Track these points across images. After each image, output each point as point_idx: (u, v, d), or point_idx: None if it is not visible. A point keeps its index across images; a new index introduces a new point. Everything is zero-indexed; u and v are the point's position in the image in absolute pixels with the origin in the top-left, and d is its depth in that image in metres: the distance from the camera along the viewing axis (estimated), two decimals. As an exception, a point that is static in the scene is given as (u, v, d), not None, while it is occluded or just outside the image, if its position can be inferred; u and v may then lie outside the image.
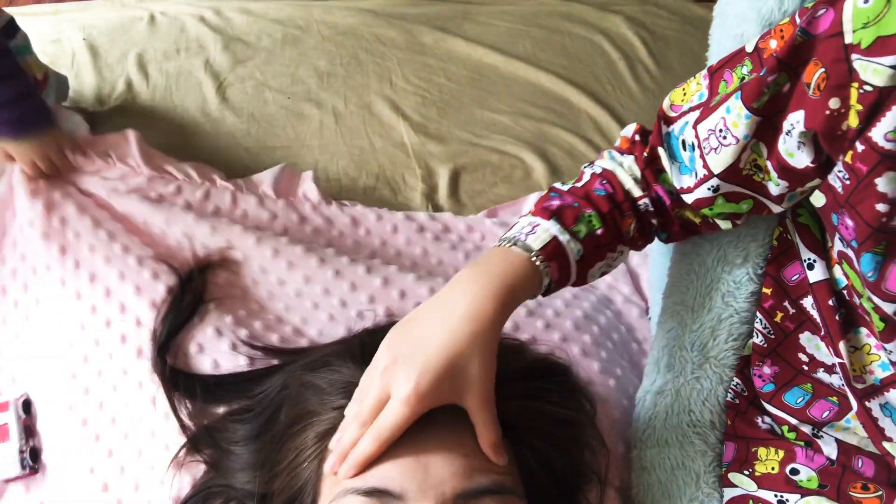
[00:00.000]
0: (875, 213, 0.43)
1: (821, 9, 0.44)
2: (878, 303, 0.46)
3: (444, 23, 1.31)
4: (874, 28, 0.40)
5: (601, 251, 0.58)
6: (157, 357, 0.75)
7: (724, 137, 0.51)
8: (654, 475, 0.64)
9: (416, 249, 0.93)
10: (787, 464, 0.56)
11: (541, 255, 0.55)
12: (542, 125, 1.17)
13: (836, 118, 0.44)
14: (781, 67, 0.47)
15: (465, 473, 0.49)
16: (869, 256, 0.45)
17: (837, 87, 0.43)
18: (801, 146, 0.48)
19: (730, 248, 0.62)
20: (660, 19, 1.33)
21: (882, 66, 0.40)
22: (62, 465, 0.77)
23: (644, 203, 0.59)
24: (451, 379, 0.49)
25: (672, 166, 0.57)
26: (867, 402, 0.51)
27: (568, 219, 0.57)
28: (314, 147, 1.15)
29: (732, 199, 0.55)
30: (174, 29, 1.31)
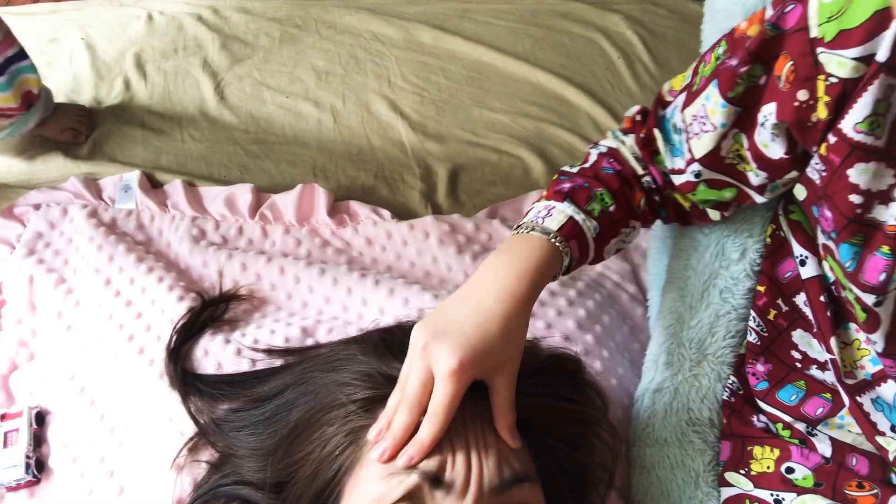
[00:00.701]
0: (849, 203, 0.44)
1: (790, 4, 0.45)
2: (859, 293, 0.47)
3: (442, 21, 1.31)
4: (837, 22, 0.41)
5: (616, 227, 0.60)
6: (169, 357, 0.77)
7: (703, 124, 0.53)
8: (653, 474, 0.64)
9: (427, 258, 0.96)
10: (782, 462, 0.56)
11: (559, 236, 0.56)
12: (541, 124, 1.17)
13: (806, 110, 0.45)
14: (754, 59, 0.48)
15: (497, 466, 0.50)
16: (847, 247, 0.46)
17: (805, 80, 0.44)
18: (775, 137, 0.49)
19: (727, 244, 0.62)
20: (658, 18, 1.32)
21: (844, 59, 0.41)
22: (72, 472, 0.78)
23: (647, 180, 0.61)
24: (488, 355, 0.50)
25: (666, 148, 0.59)
26: (859, 396, 0.51)
27: (581, 199, 0.58)
28: (312, 146, 1.15)
29: (715, 186, 0.57)
30: (172, 28, 1.30)
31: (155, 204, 1.02)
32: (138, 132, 1.16)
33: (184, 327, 0.81)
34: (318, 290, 0.89)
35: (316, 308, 0.88)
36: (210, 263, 0.93)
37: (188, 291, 0.87)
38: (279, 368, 0.74)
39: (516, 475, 0.50)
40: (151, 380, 0.78)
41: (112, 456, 0.77)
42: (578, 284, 0.86)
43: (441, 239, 0.96)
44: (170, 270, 0.92)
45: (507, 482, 0.50)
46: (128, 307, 0.87)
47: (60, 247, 0.97)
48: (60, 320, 0.89)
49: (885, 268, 0.45)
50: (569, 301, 0.82)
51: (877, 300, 0.46)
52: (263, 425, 0.64)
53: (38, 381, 0.86)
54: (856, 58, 0.41)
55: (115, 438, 0.78)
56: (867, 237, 0.45)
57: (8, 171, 1.12)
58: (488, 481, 0.49)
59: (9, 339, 0.90)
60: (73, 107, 1.16)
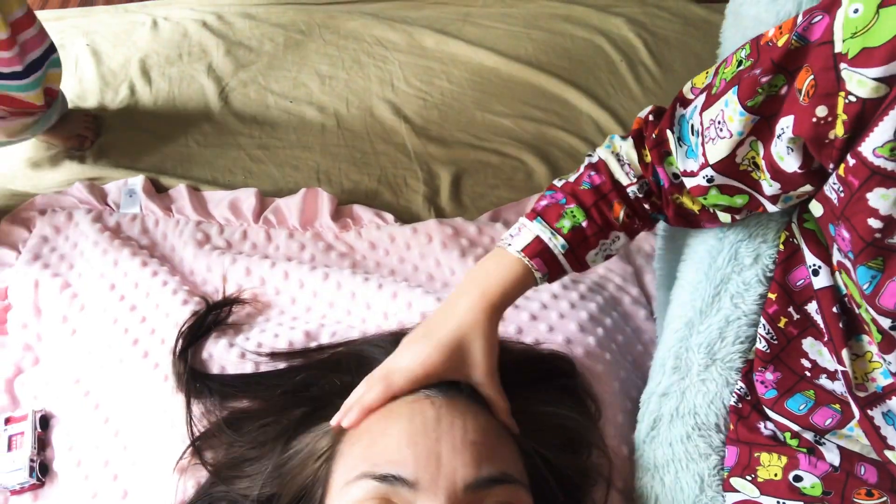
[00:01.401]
0: (868, 227, 0.43)
1: (817, 15, 0.44)
2: (875, 316, 0.46)
3: (445, 26, 1.31)
4: (861, 38, 0.40)
5: (590, 240, 0.64)
6: (179, 358, 0.77)
7: (720, 130, 0.52)
8: (657, 477, 0.63)
9: (430, 261, 0.96)
10: (790, 470, 0.56)
11: (524, 254, 0.63)
12: (544, 127, 1.17)
13: (823, 126, 0.44)
14: (777, 70, 0.47)
15: (474, 463, 0.50)
16: (864, 269, 0.45)
17: (825, 96, 0.43)
18: (790, 151, 0.48)
19: (741, 249, 0.61)
20: (661, 21, 1.32)
21: (865, 78, 0.40)
22: (76, 475, 0.79)
23: (633, 190, 0.63)
24: (459, 356, 0.58)
25: (679, 149, 0.59)
26: (869, 410, 0.51)
27: (552, 217, 0.64)
28: (316, 150, 1.15)
29: (726, 192, 0.57)
30: (177, 34, 1.31)
31: (159, 208, 1.02)
32: (143, 137, 1.17)
33: (189, 330, 0.81)
34: (321, 293, 0.89)
35: (319, 312, 0.89)
36: (214, 267, 0.93)
37: (192, 295, 0.87)
38: (283, 371, 0.74)
39: (497, 475, 0.51)
40: (155, 383, 0.79)
41: (116, 459, 0.77)
42: (581, 287, 0.86)
43: (444, 242, 0.96)
44: (174, 274, 0.92)
45: (484, 480, 0.50)
46: (132, 311, 0.88)
47: (66, 251, 0.98)
48: (65, 324, 0.90)
49: None
50: (571, 304, 0.82)
51: (893, 324, 0.46)
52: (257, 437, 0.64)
53: (42, 385, 0.86)
54: (877, 78, 0.39)
55: (120, 442, 0.78)
56: (887, 262, 0.44)
57: (14, 177, 1.12)
58: (462, 478, 0.49)
59: (14, 343, 0.91)
60: (79, 112, 1.17)
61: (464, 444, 0.51)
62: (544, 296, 0.83)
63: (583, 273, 0.91)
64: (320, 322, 0.86)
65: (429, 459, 0.50)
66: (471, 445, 0.51)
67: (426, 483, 0.49)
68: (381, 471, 0.50)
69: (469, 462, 0.50)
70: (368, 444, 0.53)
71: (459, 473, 0.49)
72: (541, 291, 0.84)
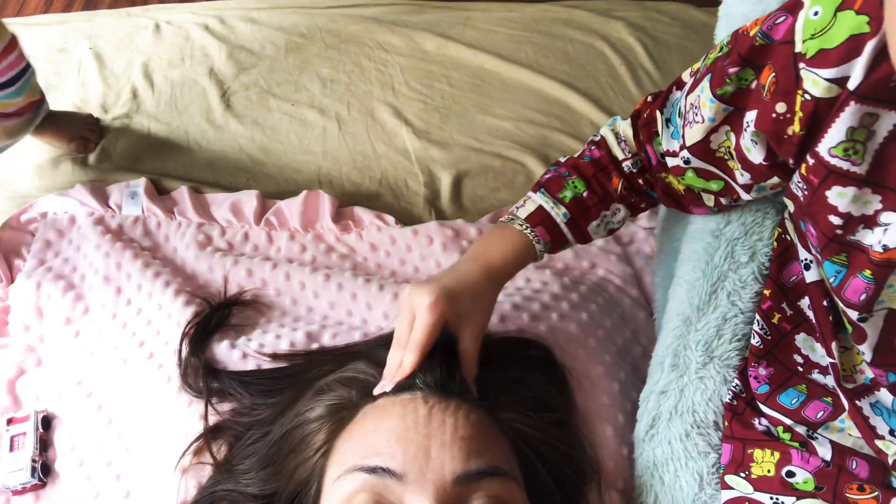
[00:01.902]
0: (829, 224, 0.45)
1: (781, 16, 0.45)
2: (844, 308, 0.48)
3: (446, 29, 1.32)
4: (819, 40, 0.42)
5: (591, 210, 0.66)
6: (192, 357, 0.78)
7: (696, 114, 0.55)
8: (656, 476, 0.64)
9: (431, 263, 0.97)
10: (782, 466, 0.56)
11: (527, 223, 0.66)
12: (545, 130, 1.18)
13: (782, 122, 0.46)
14: (744, 63, 0.48)
15: (462, 457, 0.51)
16: (829, 264, 0.47)
17: (785, 93, 0.45)
18: (755, 143, 0.50)
19: (737, 246, 0.62)
20: (661, 24, 1.33)
21: (819, 78, 0.42)
22: (79, 475, 0.79)
23: (627, 165, 0.66)
24: (458, 299, 0.60)
25: (666, 130, 0.61)
26: (858, 400, 0.52)
27: (554, 188, 0.67)
28: (317, 153, 1.16)
29: (702, 175, 0.59)
30: (179, 37, 1.32)
31: (161, 210, 1.03)
32: (145, 140, 1.17)
33: (196, 331, 0.81)
34: (323, 295, 0.89)
35: (321, 313, 0.89)
36: (216, 269, 0.94)
37: (194, 297, 0.88)
38: (285, 370, 0.74)
39: (486, 468, 0.51)
40: (159, 384, 0.79)
41: (119, 460, 0.78)
42: (581, 288, 0.86)
43: (445, 244, 0.97)
44: (176, 276, 0.92)
45: (472, 473, 0.50)
46: (138, 314, 0.88)
47: (69, 254, 0.98)
48: (69, 326, 0.90)
49: (864, 290, 0.46)
50: (571, 305, 0.82)
51: (860, 316, 0.47)
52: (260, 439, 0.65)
53: (45, 387, 0.87)
54: (829, 79, 0.41)
55: (122, 443, 0.79)
56: (851, 258, 0.46)
57: (16, 179, 1.13)
58: (451, 471, 0.50)
59: (16, 345, 0.91)
60: (81, 115, 1.18)
61: (453, 439, 0.52)
62: (544, 296, 0.83)
63: (581, 274, 0.92)
64: (321, 323, 0.86)
65: (417, 453, 0.51)
66: (460, 440, 0.52)
67: (414, 475, 0.50)
68: (370, 463, 0.51)
69: (457, 456, 0.51)
70: (361, 440, 0.54)
71: (448, 467, 0.50)
72: (541, 292, 0.84)
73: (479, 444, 0.53)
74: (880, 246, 0.44)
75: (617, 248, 0.95)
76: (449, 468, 0.50)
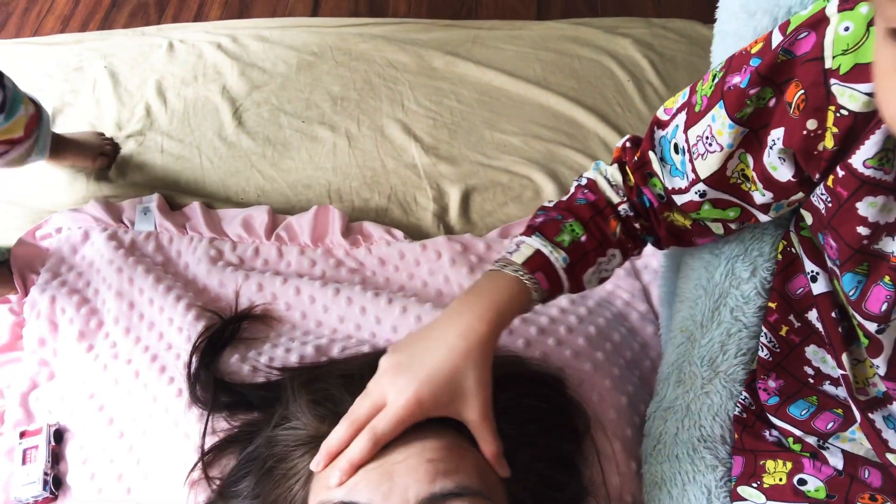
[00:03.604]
0: (856, 235, 0.45)
1: (803, 32, 0.45)
2: (861, 320, 0.48)
3: (454, 47, 1.34)
4: (853, 55, 0.41)
5: (589, 256, 0.61)
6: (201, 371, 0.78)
7: (710, 144, 0.53)
8: (664, 490, 0.63)
9: (440, 277, 0.97)
10: (794, 475, 0.56)
11: (525, 270, 0.59)
12: (552, 146, 1.18)
13: (813, 139, 0.45)
14: (764, 82, 0.48)
15: (428, 479, 0.50)
16: (850, 276, 0.47)
17: (815, 110, 0.44)
18: (783, 161, 0.49)
19: (738, 263, 0.62)
20: (667, 41, 1.34)
21: (858, 93, 0.41)
22: (90, 489, 0.80)
23: (623, 209, 0.62)
24: (450, 390, 0.53)
25: (663, 169, 0.59)
26: (870, 413, 0.51)
27: (550, 231, 0.61)
28: (328, 169, 1.17)
29: (719, 205, 0.57)
30: (192, 56, 1.34)
31: (173, 226, 1.04)
32: (158, 156, 1.19)
33: (207, 345, 0.82)
34: (332, 309, 0.90)
35: (330, 327, 0.90)
36: (227, 283, 0.95)
37: (205, 311, 0.89)
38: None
39: (453, 489, 0.50)
40: (170, 397, 0.80)
41: (129, 472, 0.78)
42: (588, 303, 0.87)
43: (453, 258, 0.97)
44: (187, 290, 0.93)
45: (437, 496, 0.49)
46: (151, 329, 0.89)
47: (83, 269, 1.00)
48: (82, 341, 0.91)
49: (886, 298, 0.45)
50: (579, 318, 0.83)
51: (879, 328, 0.47)
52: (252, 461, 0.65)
53: (57, 400, 0.88)
54: (869, 93, 0.41)
55: (133, 456, 0.79)
56: (872, 267, 0.46)
57: (31, 195, 1.15)
58: (415, 495, 0.49)
59: (29, 359, 0.92)
60: (95, 134, 1.20)
61: (419, 462, 0.51)
62: (552, 310, 0.83)
63: (589, 290, 0.92)
64: (331, 337, 0.87)
65: (381, 481, 0.50)
66: (427, 463, 0.51)
67: (378, 503, 0.49)
68: (336, 498, 0.51)
69: (422, 479, 0.50)
70: (333, 470, 0.53)
71: (412, 490, 0.49)
72: (549, 306, 0.84)
73: (447, 464, 0.51)
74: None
75: (625, 263, 0.96)
76: (413, 492, 0.49)
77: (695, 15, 1.41)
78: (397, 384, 0.53)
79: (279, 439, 0.61)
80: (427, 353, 0.55)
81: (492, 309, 0.56)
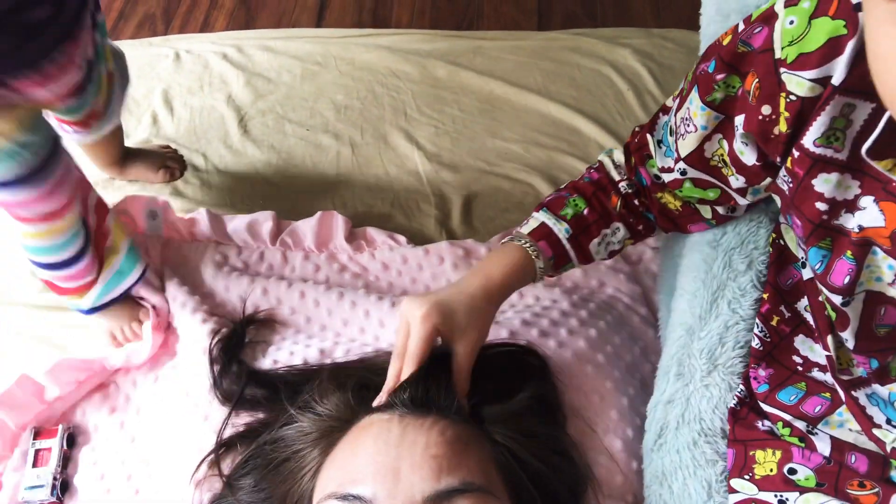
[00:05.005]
0: (815, 210, 0.49)
1: (758, 26, 0.50)
2: (828, 294, 0.51)
3: (456, 57, 1.36)
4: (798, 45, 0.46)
5: (591, 227, 0.69)
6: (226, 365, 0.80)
7: (688, 125, 0.58)
8: (665, 485, 0.64)
9: (442, 282, 0.98)
10: (784, 464, 0.57)
11: (530, 239, 0.68)
12: (553, 153, 1.20)
13: (768, 123, 0.50)
14: (728, 69, 0.52)
15: (433, 476, 0.51)
16: (815, 251, 0.50)
17: (769, 96, 0.49)
18: (745, 145, 0.53)
19: (734, 256, 0.64)
20: (666, 51, 1.36)
21: (802, 79, 0.46)
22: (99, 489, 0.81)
23: (623, 185, 0.69)
24: (451, 313, 0.62)
25: (658, 151, 0.65)
26: (854, 391, 0.53)
27: (556, 206, 0.70)
28: (332, 176, 1.19)
29: (699, 185, 0.63)
30: (198, 66, 1.36)
31: (181, 230, 1.06)
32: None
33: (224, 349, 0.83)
34: (336, 312, 0.91)
35: (334, 330, 0.91)
36: (232, 288, 0.96)
37: (211, 315, 0.90)
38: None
39: (458, 485, 0.51)
40: (177, 396, 0.81)
41: (138, 473, 0.79)
42: (590, 305, 0.88)
43: (455, 263, 0.99)
44: (193, 294, 0.95)
45: (443, 492, 0.50)
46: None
47: None
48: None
49: (848, 271, 0.49)
50: (580, 321, 0.84)
51: (843, 300, 0.50)
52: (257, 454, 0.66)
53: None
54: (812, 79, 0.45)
55: (141, 455, 0.80)
56: (834, 242, 0.49)
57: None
58: (420, 491, 0.50)
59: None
60: (159, 147, 1.20)
61: (424, 458, 0.52)
62: (553, 313, 0.84)
63: (590, 292, 0.93)
64: (335, 340, 0.88)
65: (387, 476, 0.51)
66: (431, 459, 0.52)
67: (383, 499, 0.50)
68: (343, 490, 0.52)
69: (428, 476, 0.51)
70: (340, 465, 0.55)
71: (417, 487, 0.50)
72: (551, 309, 0.85)
73: (451, 460, 0.53)
74: (857, 227, 0.47)
75: (626, 268, 0.97)
76: (418, 489, 0.50)
77: (694, 25, 1.41)
78: (413, 305, 0.62)
79: (289, 434, 0.63)
80: (441, 291, 0.64)
81: (499, 272, 0.65)
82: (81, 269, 0.84)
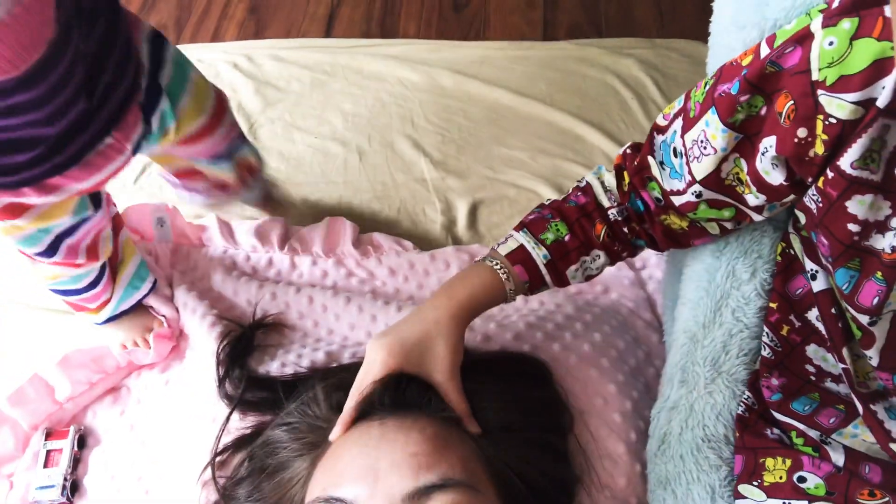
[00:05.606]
0: (847, 231, 0.48)
1: (790, 46, 0.48)
2: (854, 314, 0.50)
3: (463, 67, 1.37)
4: (838, 67, 0.44)
5: (571, 254, 0.67)
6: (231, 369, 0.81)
7: (704, 148, 0.56)
8: (669, 490, 0.65)
9: None
10: (794, 472, 0.57)
11: (505, 261, 0.66)
12: (558, 161, 1.21)
13: (804, 146, 0.48)
14: (753, 90, 0.51)
15: (412, 474, 0.52)
16: (843, 271, 0.50)
17: (805, 119, 0.47)
18: (775, 167, 0.52)
19: (738, 265, 0.64)
20: (670, 61, 1.37)
21: (844, 102, 0.44)
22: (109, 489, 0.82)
23: (613, 213, 0.68)
24: (419, 352, 0.61)
25: (662, 172, 0.63)
26: (872, 405, 0.53)
27: (537, 229, 0.68)
28: (339, 183, 1.20)
29: (715, 206, 0.61)
30: (209, 74, 1.35)
31: (190, 236, 1.07)
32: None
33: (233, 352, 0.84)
34: (343, 317, 0.92)
35: (341, 334, 0.92)
36: (240, 293, 0.97)
37: (220, 319, 0.91)
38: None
39: (437, 481, 0.52)
40: (185, 397, 0.82)
41: (148, 474, 0.80)
42: (594, 310, 0.88)
43: (461, 268, 0.99)
44: (202, 299, 0.96)
45: (422, 489, 0.51)
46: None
47: None
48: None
49: (877, 292, 0.48)
50: (584, 325, 0.84)
51: (871, 320, 0.50)
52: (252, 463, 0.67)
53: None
54: (854, 101, 0.44)
55: (151, 456, 0.81)
56: (864, 263, 0.49)
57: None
58: (400, 490, 0.51)
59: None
60: None
61: (403, 456, 0.53)
62: (558, 316, 0.85)
63: (594, 297, 0.94)
64: (342, 344, 0.89)
65: (367, 477, 0.52)
66: (410, 457, 0.53)
67: (364, 499, 0.51)
68: (325, 494, 0.53)
69: (406, 474, 0.52)
70: (326, 470, 0.56)
71: (397, 486, 0.51)
72: (555, 313, 0.86)
73: (430, 457, 0.53)
74: (889, 248, 0.46)
75: (630, 273, 0.97)
76: (398, 487, 0.51)
77: (697, 35, 1.44)
78: (375, 347, 0.62)
79: (279, 436, 0.64)
80: (403, 324, 0.63)
81: (465, 292, 0.64)
82: (98, 292, 0.86)
